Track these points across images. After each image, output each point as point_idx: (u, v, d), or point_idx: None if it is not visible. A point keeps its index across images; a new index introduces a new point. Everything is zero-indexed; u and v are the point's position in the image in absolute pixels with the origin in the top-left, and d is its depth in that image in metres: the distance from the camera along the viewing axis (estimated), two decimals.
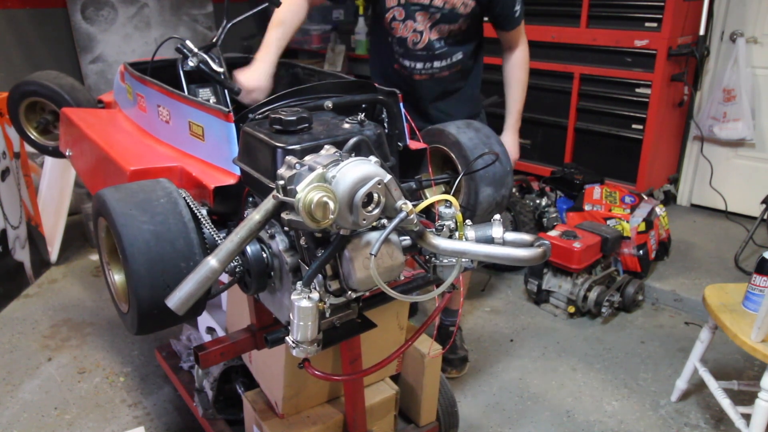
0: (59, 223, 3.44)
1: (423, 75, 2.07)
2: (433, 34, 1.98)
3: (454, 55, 2.05)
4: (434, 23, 1.96)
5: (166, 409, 2.33)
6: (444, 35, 1.99)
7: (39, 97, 2.16)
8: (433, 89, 2.11)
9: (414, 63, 2.04)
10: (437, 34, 1.98)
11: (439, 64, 2.04)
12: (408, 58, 2.04)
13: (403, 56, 2.05)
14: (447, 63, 2.05)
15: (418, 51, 2.01)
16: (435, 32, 1.97)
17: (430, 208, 1.27)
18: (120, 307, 1.21)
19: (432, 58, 2.03)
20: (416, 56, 2.03)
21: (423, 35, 1.98)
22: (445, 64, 2.05)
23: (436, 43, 2.00)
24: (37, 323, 2.90)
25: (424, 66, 2.04)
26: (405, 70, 2.08)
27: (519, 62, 2.16)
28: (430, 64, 2.04)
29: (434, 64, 2.04)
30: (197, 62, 1.77)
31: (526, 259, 0.98)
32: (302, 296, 0.99)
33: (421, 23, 1.96)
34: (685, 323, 2.95)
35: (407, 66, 2.06)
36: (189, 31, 4.55)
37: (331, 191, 0.90)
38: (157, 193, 1.12)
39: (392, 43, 2.04)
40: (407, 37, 1.99)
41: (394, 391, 1.88)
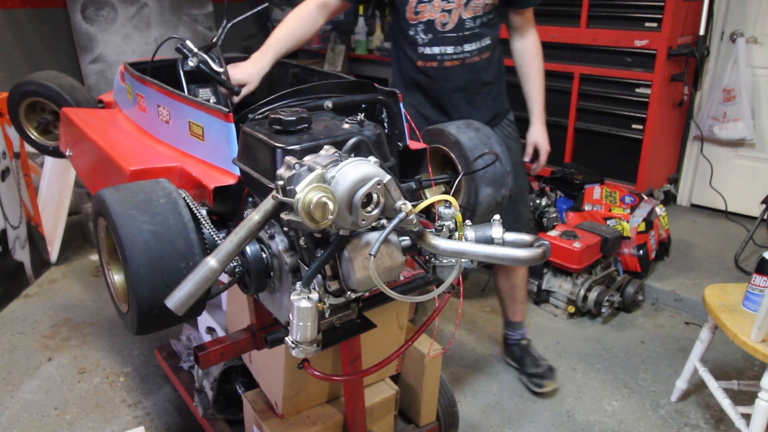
0: (59, 223, 3.44)
1: (454, 60, 1.97)
2: (466, 12, 1.89)
3: (483, 38, 1.97)
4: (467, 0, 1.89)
5: (166, 409, 2.33)
6: (478, 13, 1.91)
7: (39, 97, 2.16)
8: (465, 77, 2.01)
9: (444, 48, 1.95)
10: (470, 12, 1.90)
11: (470, 47, 1.95)
12: (436, 43, 1.95)
13: (430, 44, 1.95)
14: (477, 47, 1.97)
15: (447, 33, 1.92)
16: (468, 10, 1.89)
17: (430, 209, 1.27)
18: (120, 307, 1.21)
19: (462, 40, 1.94)
20: (445, 40, 1.94)
21: (452, 14, 1.89)
22: (476, 48, 1.96)
23: (469, 22, 1.92)
24: (37, 323, 2.90)
25: (454, 50, 1.95)
26: (433, 62, 1.99)
27: (535, 50, 2.10)
28: (460, 48, 1.95)
29: (465, 47, 1.95)
30: (197, 62, 1.77)
31: (526, 259, 0.98)
32: (302, 296, 0.99)
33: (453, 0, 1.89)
34: (685, 323, 2.94)
35: (436, 54, 1.97)
36: (189, 31, 4.55)
37: (330, 191, 0.90)
38: (157, 193, 1.12)
39: (416, 35, 1.95)
40: (435, 18, 1.90)
41: (394, 391, 1.88)
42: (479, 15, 1.91)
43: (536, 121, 2.15)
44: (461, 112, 2.03)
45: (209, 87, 1.94)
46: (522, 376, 2.47)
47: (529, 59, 2.11)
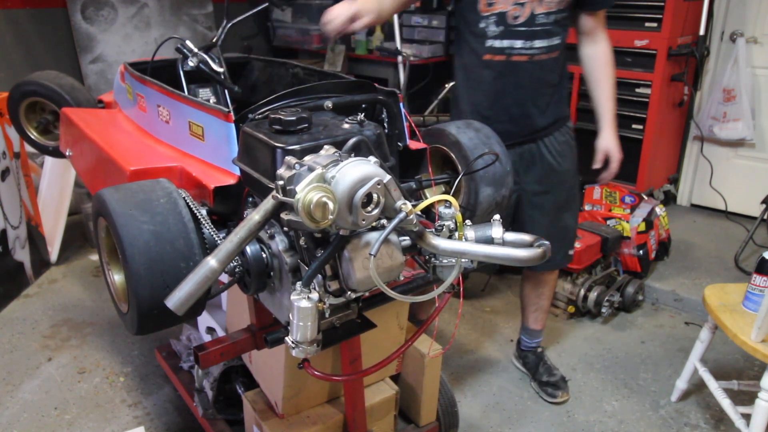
0: (59, 223, 3.44)
1: (522, 56, 1.91)
2: (540, 7, 1.85)
3: (553, 37, 1.92)
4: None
5: (166, 409, 2.33)
6: (551, 9, 1.87)
7: (39, 97, 2.16)
8: (532, 74, 1.95)
9: (513, 41, 1.89)
10: (544, 7, 1.86)
11: (540, 43, 1.90)
12: (506, 36, 1.89)
13: (500, 37, 1.90)
14: (547, 45, 1.91)
15: (518, 27, 1.87)
16: (542, 5, 1.85)
17: (430, 208, 1.27)
18: (120, 307, 1.21)
19: (533, 36, 1.89)
20: (515, 33, 1.89)
21: (525, 7, 1.85)
22: (545, 46, 1.91)
23: (541, 17, 1.87)
24: (37, 323, 2.90)
25: (524, 45, 1.90)
26: (501, 55, 1.93)
27: (607, 56, 2.05)
28: (530, 43, 1.89)
29: (534, 43, 1.89)
30: (197, 62, 1.77)
31: (526, 259, 0.98)
32: (302, 296, 0.99)
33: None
34: (685, 323, 2.94)
35: (505, 47, 1.91)
36: (189, 31, 4.55)
37: (330, 191, 0.90)
38: (157, 193, 1.12)
39: (486, 27, 1.90)
40: (507, 10, 1.86)
41: (394, 391, 1.88)
42: (552, 11, 1.87)
43: (607, 129, 2.11)
44: (524, 111, 2.00)
45: (209, 87, 1.94)
46: (534, 383, 2.46)
47: (600, 65, 2.06)
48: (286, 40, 5.11)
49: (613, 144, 2.11)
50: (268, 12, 5.12)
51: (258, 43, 5.17)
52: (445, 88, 3.42)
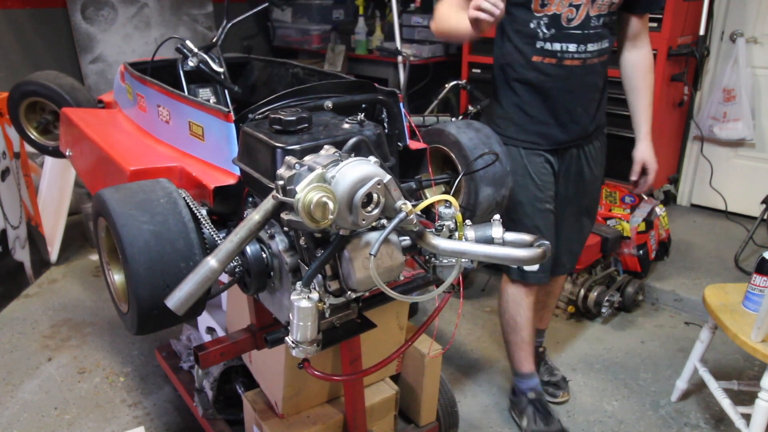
0: (59, 223, 3.44)
1: (575, 59, 1.83)
2: (593, 9, 1.77)
3: (603, 40, 1.85)
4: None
5: (166, 409, 2.33)
6: (603, 11, 1.79)
7: (39, 97, 2.16)
8: (583, 79, 1.88)
9: (566, 45, 1.81)
10: (596, 9, 1.78)
11: (592, 47, 1.82)
12: (558, 39, 1.81)
13: (552, 39, 1.81)
14: (598, 48, 1.84)
15: (571, 29, 1.79)
16: (595, 7, 1.77)
17: (430, 208, 1.27)
18: (120, 307, 1.21)
19: (586, 39, 1.81)
20: (569, 36, 1.80)
21: (580, 9, 1.76)
22: (597, 49, 1.84)
23: (594, 20, 1.79)
24: (37, 323, 2.90)
25: (577, 48, 1.82)
26: (552, 58, 1.84)
27: (649, 63, 2.00)
28: (584, 47, 1.82)
29: (588, 47, 1.82)
30: (197, 62, 1.77)
31: (526, 259, 0.98)
32: (302, 296, 0.99)
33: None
34: (685, 323, 2.94)
35: (557, 51, 1.82)
36: (189, 31, 4.55)
37: (330, 191, 0.90)
38: (157, 193, 1.13)
39: (537, 28, 1.81)
40: (561, 12, 1.77)
41: (394, 391, 1.88)
42: (603, 14, 1.80)
43: (644, 139, 2.05)
44: (573, 116, 1.92)
45: (209, 87, 1.95)
46: None
47: (641, 72, 2.00)
48: (286, 40, 5.11)
49: (650, 154, 2.06)
50: (268, 12, 5.12)
51: (258, 43, 5.17)
52: (445, 88, 3.42)
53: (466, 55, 3.91)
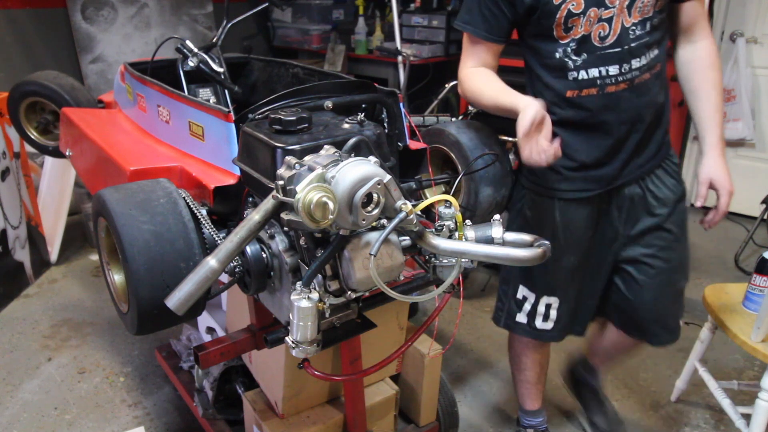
0: (59, 223, 3.44)
1: (620, 84, 1.48)
2: (631, 17, 1.44)
3: (652, 48, 1.49)
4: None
5: (166, 409, 2.33)
6: (647, 14, 1.45)
7: (39, 97, 2.16)
8: (635, 103, 1.51)
9: (605, 68, 1.47)
10: (636, 15, 1.44)
11: (638, 63, 1.48)
12: (594, 64, 1.47)
13: (585, 65, 1.48)
14: (646, 61, 1.49)
15: (607, 49, 1.46)
16: (635, 13, 1.43)
17: (430, 208, 1.27)
18: (120, 307, 1.21)
19: (628, 56, 1.46)
20: (606, 58, 1.47)
21: (613, 22, 1.43)
22: (645, 63, 1.49)
23: (633, 30, 1.45)
24: (37, 323, 2.90)
25: (620, 70, 1.47)
26: (592, 88, 1.49)
27: (710, 57, 1.59)
28: (627, 66, 1.47)
29: (632, 64, 1.47)
30: (197, 62, 1.77)
31: (526, 259, 0.98)
32: (302, 296, 0.99)
33: (613, 4, 1.42)
34: (685, 323, 2.94)
35: (595, 78, 1.48)
36: (189, 31, 4.55)
37: (330, 191, 0.90)
38: (157, 193, 1.13)
39: (565, 57, 1.49)
40: (591, 32, 1.45)
41: (394, 391, 1.88)
42: (648, 17, 1.45)
43: (711, 151, 1.60)
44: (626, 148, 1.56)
45: (209, 87, 1.95)
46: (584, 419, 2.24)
47: (702, 70, 1.60)
48: (286, 40, 5.11)
49: (720, 172, 1.60)
50: (268, 12, 5.12)
51: (258, 43, 5.17)
52: (445, 88, 3.42)
53: None
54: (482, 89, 1.55)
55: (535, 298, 1.78)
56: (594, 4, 1.42)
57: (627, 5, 1.43)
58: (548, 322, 1.81)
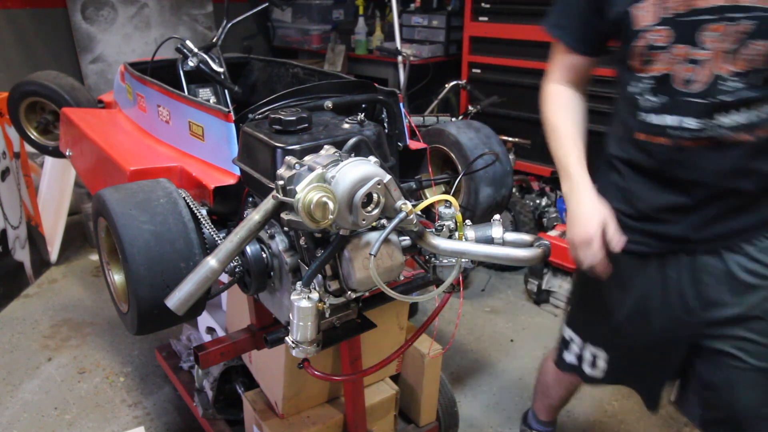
0: (59, 223, 3.44)
1: (700, 140, 1.20)
2: (729, 64, 1.13)
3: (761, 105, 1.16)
4: (738, 44, 1.12)
5: (166, 409, 2.33)
6: (756, 65, 1.13)
7: (39, 97, 2.16)
8: (723, 167, 1.21)
9: (683, 119, 1.20)
10: (740, 64, 1.13)
11: (730, 119, 1.17)
12: (670, 110, 1.21)
13: (661, 110, 1.22)
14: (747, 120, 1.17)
15: (690, 97, 1.18)
16: (737, 61, 1.13)
17: (430, 209, 1.27)
18: (120, 307, 1.21)
19: (716, 109, 1.17)
20: (687, 106, 1.19)
21: (704, 66, 1.15)
22: (744, 122, 1.17)
23: (732, 82, 1.14)
24: (37, 323, 2.90)
25: (700, 124, 1.19)
26: (662, 137, 1.24)
27: None
28: (711, 121, 1.18)
29: (721, 120, 1.17)
30: (197, 62, 1.77)
31: (526, 259, 0.99)
32: (302, 296, 0.99)
33: (708, 45, 1.14)
34: None
35: (667, 127, 1.22)
36: (189, 31, 4.55)
37: (330, 191, 0.90)
38: (157, 193, 1.13)
39: (640, 93, 1.25)
40: (674, 73, 1.18)
41: (394, 391, 1.88)
42: (760, 68, 1.13)
43: None
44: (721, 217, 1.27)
45: (209, 87, 1.95)
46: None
47: None
48: (286, 40, 5.11)
49: None
50: (268, 12, 5.12)
51: (258, 43, 5.17)
52: (445, 88, 3.42)
53: (466, 55, 3.91)
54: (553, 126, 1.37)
55: (581, 342, 1.59)
56: (684, 41, 1.15)
57: (729, 50, 1.13)
58: (596, 371, 1.57)
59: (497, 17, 3.67)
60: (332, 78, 1.58)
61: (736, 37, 1.11)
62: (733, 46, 1.12)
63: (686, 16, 1.14)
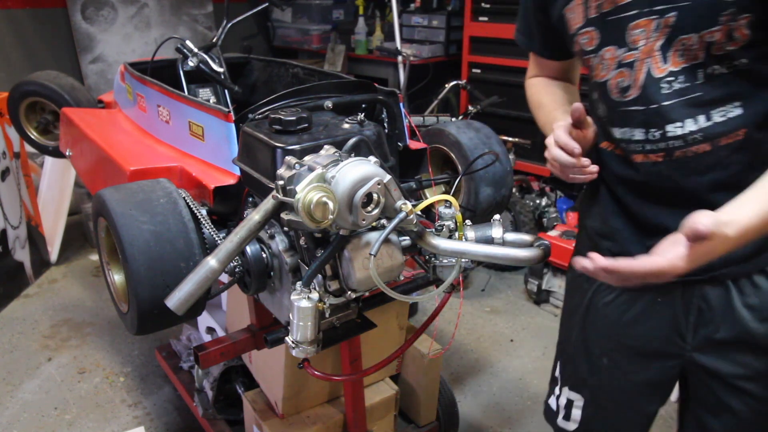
0: (59, 223, 3.44)
1: (649, 154, 1.02)
2: (665, 63, 0.97)
3: (716, 106, 0.96)
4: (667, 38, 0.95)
5: (166, 409, 2.33)
6: (696, 59, 0.95)
7: (39, 97, 2.16)
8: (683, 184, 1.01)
9: (627, 130, 1.04)
10: (674, 61, 0.96)
11: (679, 128, 0.98)
12: (617, 123, 1.06)
13: (610, 122, 1.08)
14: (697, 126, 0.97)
15: (629, 106, 1.02)
16: (674, 57, 0.96)
17: (430, 209, 1.27)
18: (120, 307, 1.21)
19: (658, 118, 0.99)
20: (627, 117, 1.03)
21: (634, 69, 0.99)
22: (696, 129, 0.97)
23: (668, 82, 0.97)
24: (37, 323, 2.90)
25: (646, 136, 1.01)
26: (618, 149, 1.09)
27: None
28: (657, 132, 1.00)
29: (666, 130, 0.99)
30: (197, 62, 1.77)
31: (526, 259, 0.98)
32: (302, 296, 0.99)
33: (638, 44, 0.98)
34: None
35: (620, 140, 1.07)
36: (189, 31, 4.55)
37: (330, 191, 0.90)
38: (157, 193, 1.13)
39: (595, 100, 1.12)
40: (608, 79, 1.04)
41: (394, 391, 1.88)
42: (699, 63, 0.95)
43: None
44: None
45: (209, 87, 1.95)
46: None
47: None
48: (286, 40, 5.11)
49: None
50: (268, 12, 5.12)
51: (258, 43, 5.17)
52: (445, 88, 3.42)
53: (466, 55, 3.91)
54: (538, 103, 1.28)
55: (559, 384, 1.36)
56: (611, 42, 1.01)
57: (660, 45, 0.96)
58: (569, 423, 1.34)
59: (497, 17, 3.67)
60: (332, 78, 1.57)
61: (664, 32, 0.95)
62: (663, 42, 0.96)
63: (612, 14, 1.00)
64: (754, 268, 1.05)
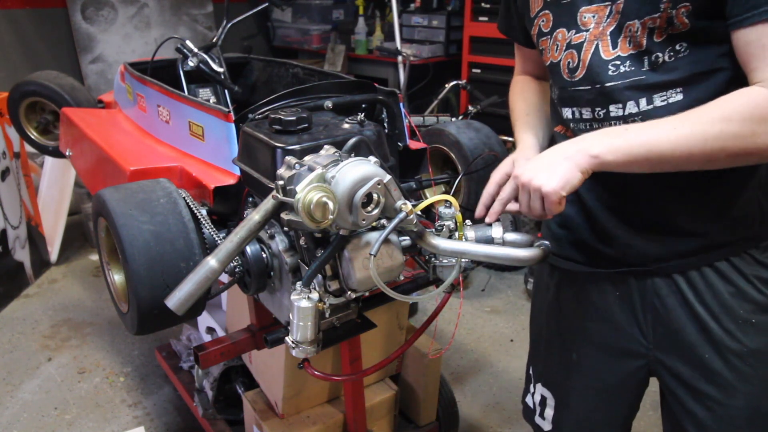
0: (59, 223, 3.44)
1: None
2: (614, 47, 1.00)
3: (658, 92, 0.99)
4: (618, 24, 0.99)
5: (166, 409, 2.33)
6: (641, 46, 0.98)
7: (39, 97, 2.16)
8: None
9: (575, 110, 1.08)
10: (623, 46, 0.99)
11: (620, 110, 1.02)
12: (567, 103, 1.10)
13: (562, 102, 1.11)
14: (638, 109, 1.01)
15: (577, 86, 1.06)
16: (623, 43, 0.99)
17: (430, 209, 1.27)
18: (120, 307, 1.21)
19: (604, 98, 1.03)
20: (576, 98, 1.07)
21: (582, 51, 1.03)
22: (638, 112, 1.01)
23: (615, 65, 1.00)
24: (37, 323, 2.90)
25: (593, 117, 1.05)
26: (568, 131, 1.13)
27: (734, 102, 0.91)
28: (602, 111, 1.04)
29: (610, 111, 1.03)
30: (197, 62, 1.77)
31: (526, 259, 0.98)
32: (302, 296, 0.99)
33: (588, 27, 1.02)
34: None
35: (569, 120, 1.11)
36: (189, 31, 4.55)
37: (330, 191, 0.90)
38: (157, 193, 1.13)
39: (552, 85, 1.16)
40: (560, 60, 1.08)
41: (394, 391, 1.88)
42: (643, 50, 0.98)
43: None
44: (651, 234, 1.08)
45: (209, 87, 1.95)
46: None
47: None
48: (286, 40, 5.11)
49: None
50: (268, 12, 5.12)
51: (258, 43, 5.17)
52: (445, 88, 3.42)
53: (466, 55, 3.91)
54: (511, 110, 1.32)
55: (533, 381, 1.38)
56: (563, 24, 1.05)
57: (611, 31, 0.99)
58: (545, 422, 1.35)
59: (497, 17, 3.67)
60: (332, 78, 1.57)
61: (615, 18, 0.99)
62: (614, 28, 0.99)
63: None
64: (700, 262, 1.07)
